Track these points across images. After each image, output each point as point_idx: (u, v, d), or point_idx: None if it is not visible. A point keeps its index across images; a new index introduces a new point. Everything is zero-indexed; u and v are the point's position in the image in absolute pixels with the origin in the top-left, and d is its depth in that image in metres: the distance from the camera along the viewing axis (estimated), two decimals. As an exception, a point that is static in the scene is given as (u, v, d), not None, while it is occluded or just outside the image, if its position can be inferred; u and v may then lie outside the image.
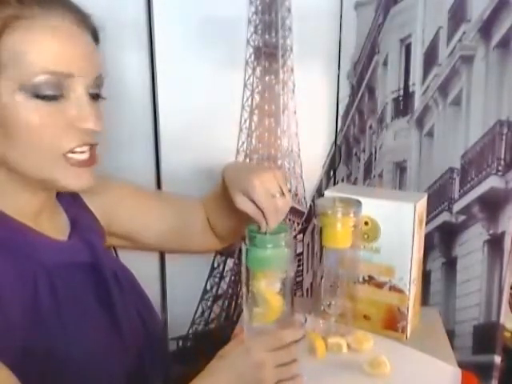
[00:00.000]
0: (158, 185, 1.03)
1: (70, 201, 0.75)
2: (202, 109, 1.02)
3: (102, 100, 0.66)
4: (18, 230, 0.64)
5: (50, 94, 0.59)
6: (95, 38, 0.66)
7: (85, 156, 0.63)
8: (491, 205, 0.99)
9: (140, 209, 0.88)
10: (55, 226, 0.70)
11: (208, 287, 1.12)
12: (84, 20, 0.63)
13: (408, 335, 0.87)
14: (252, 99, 1.07)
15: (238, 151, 1.08)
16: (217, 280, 1.12)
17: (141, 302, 0.78)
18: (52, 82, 0.59)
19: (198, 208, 0.91)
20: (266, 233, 0.71)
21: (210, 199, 0.90)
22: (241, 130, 1.07)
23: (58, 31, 0.59)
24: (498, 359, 1.04)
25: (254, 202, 0.72)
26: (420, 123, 1.06)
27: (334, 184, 1.20)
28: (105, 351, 0.65)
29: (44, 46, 0.58)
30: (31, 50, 0.57)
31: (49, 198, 0.69)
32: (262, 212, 0.71)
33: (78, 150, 0.62)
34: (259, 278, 0.71)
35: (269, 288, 0.70)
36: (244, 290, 0.73)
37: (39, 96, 0.58)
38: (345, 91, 1.15)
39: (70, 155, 0.62)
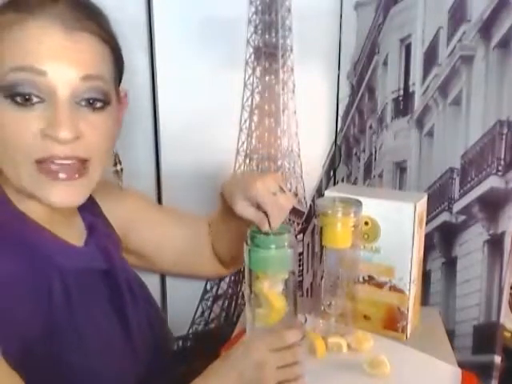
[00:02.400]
0: (158, 185, 1.03)
1: (89, 208, 0.74)
2: (201, 109, 1.02)
3: (108, 108, 0.62)
4: (34, 230, 0.63)
5: (24, 95, 0.56)
6: (105, 39, 0.63)
7: (64, 170, 0.59)
8: (491, 205, 0.99)
9: (157, 226, 0.88)
10: (71, 232, 0.69)
11: (208, 287, 1.11)
12: (82, 19, 0.60)
13: (408, 335, 0.87)
14: (252, 99, 1.07)
15: (237, 151, 1.08)
16: (217, 280, 1.12)
17: (152, 311, 0.77)
18: (25, 81, 0.56)
19: (206, 230, 0.92)
20: (268, 233, 0.70)
21: (212, 223, 0.90)
22: (241, 129, 1.07)
23: (33, 29, 0.57)
24: (497, 359, 1.04)
25: (255, 204, 0.71)
26: (420, 123, 1.06)
27: (334, 184, 1.20)
28: (115, 357, 0.65)
29: (16, 44, 0.56)
30: (5, 49, 0.56)
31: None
32: (265, 214, 0.71)
33: (55, 161, 0.58)
34: (262, 279, 0.70)
35: (271, 289, 0.70)
36: (246, 290, 0.73)
37: (13, 96, 0.56)
38: (345, 91, 1.15)
39: (45, 166, 0.58)
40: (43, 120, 0.57)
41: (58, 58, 0.57)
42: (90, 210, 0.75)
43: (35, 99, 0.57)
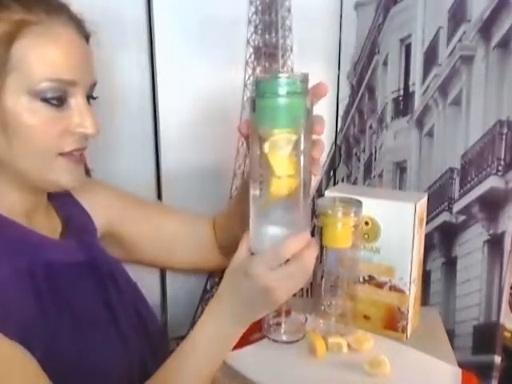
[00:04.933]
0: (158, 185, 1.03)
1: (62, 201, 0.76)
2: (201, 109, 1.02)
3: (92, 100, 0.68)
4: (12, 227, 0.64)
5: (54, 99, 0.61)
6: (87, 40, 0.67)
7: (77, 154, 0.65)
8: (491, 205, 0.99)
9: (152, 218, 0.89)
10: (47, 226, 0.70)
11: (208, 287, 1.11)
12: (82, 26, 0.65)
13: (408, 335, 0.87)
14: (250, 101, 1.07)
15: (238, 151, 1.08)
16: (217, 280, 1.12)
17: (137, 298, 0.78)
18: (56, 88, 0.60)
19: (204, 222, 0.91)
20: (278, 77, 0.57)
21: (225, 210, 0.90)
22: (241, 129, 1.07)
23: (62, 39, 0.61)
24: (498, 359, 1.04)
25: None
26: (420, 123, 1.06)
27: (334, 184, 1.20)
28: (105, 350, 0.65)
29: (49, 54, 0.60)
30: (37, 57, 0.59)
31: (41, 197, 0.70)
32: None
33: (75, 153, 0.64)
34: (265, 139, 0.56)
35: (274, 150, 0.57)
36: (251, 161, 0.59)
37: (44, 99, 0.60)
38: (345, 91, 1.15)
39: (66, 156, 0.64)
40: (67, 119, 0.62)
41: (83, 68, 0.63)
42: (64, 203, 0.76)
43: (59, 101, 0.62)
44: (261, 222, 0.60)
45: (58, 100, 0.61)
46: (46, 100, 0.60)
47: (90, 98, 0.66)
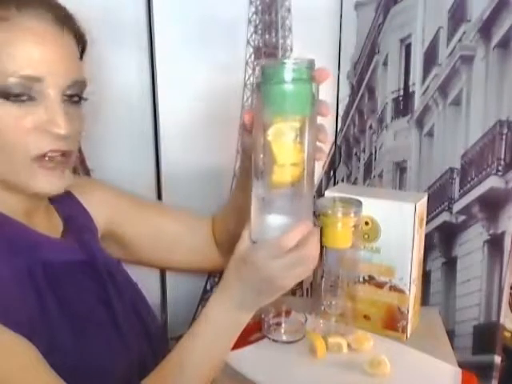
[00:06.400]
0: (158, 185, 1.03)
1: (63, 201, 0.75)
2: (201, 109, 1.02)
3: (83, 102, 0.66)
4: (12, 226, 0.64)
5: (20, 96, 0.58)
6: (80, 39, 0.65)
7: (54, 161, 0.62)
8: (491, 205, 0.99)
9: (151, 217, 0.88)
10: (48, 226, 0.70)
11: (208, 287, 1.12)
12: (65, 21, 0.62)
13: (408, 335, 0.87)
14: (252, 99, 1.07)
15: (238, 151, 1.08)
16: (217, 280, 1.12)
17: (137, 298, 0.78)
18: (22, 85, 0.58)
19: (204, 222, 0.91)
20: (284, 63, 0.56)
21: (222, 209, 0.89)
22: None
23: (32, 34, 0.59)
24: (498, 359, 1.04)
25: None
26: (420, 123, 1.06)
27: (334, 184, 1.20)
28: (105, 349, 0.65)
29: (15, 50, 0.58)
30: (2, 53, 0.58)
31: (39, 198, 0.69)
32: None
33: (49, 154, 0.61)
34: (269, 126, 0.56)
35: (280, 139, 0.56)
36: (255, 150, 0.58)
37: (8, 97, 0.58)
38: (345, 91, 1.15)
39: (42, 163, 0.61)
40: (36, 117, 0.60)
41: (55, 64, 0.60)
42: (64, 202, 0.76)
43: (25, 97, 0.59)
44: (262, 211, 0.60)
45: (22, 97, 0.58)
46: (10, 98, 0.58)
47: (74, 97, 0.63)
